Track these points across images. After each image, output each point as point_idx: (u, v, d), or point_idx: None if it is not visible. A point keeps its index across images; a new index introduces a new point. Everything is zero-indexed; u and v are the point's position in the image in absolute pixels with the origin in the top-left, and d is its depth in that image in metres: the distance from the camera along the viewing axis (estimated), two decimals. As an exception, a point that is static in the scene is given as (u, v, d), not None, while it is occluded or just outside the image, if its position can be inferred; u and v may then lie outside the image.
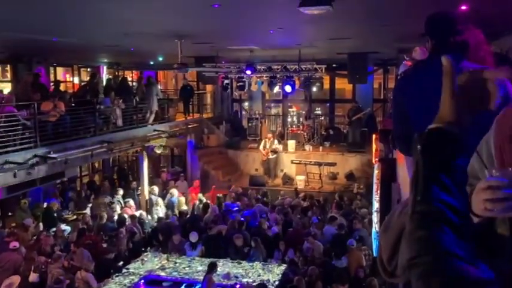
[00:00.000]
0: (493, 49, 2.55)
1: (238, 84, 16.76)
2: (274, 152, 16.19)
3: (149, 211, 13.40)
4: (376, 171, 5.45)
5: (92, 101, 12.21)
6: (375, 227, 6.16)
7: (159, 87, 17.41)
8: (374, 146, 9.52)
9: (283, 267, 9.17)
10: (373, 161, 9.43)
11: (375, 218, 6.14)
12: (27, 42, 11.21)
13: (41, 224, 11.41)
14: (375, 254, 8.13)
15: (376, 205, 5.58)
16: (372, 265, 8.81)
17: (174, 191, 14.26)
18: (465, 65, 2.05)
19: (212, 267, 8.25)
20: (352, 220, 11.26)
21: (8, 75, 15.37)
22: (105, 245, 10.31)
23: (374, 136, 9.79)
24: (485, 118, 1.26)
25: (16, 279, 7.84)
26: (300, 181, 15.59)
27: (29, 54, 14.10)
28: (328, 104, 21.26)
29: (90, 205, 13.46)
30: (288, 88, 15.63)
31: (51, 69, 16.82)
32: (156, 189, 14.18)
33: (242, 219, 11.29)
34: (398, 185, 3.08)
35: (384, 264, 1.51)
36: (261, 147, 16.38)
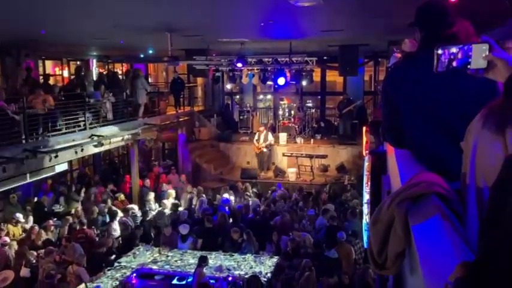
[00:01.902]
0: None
1: (229, 75, 16.71)
2: (268, 146, 16.21)
3: (141, 204, 13.37)
4: (366, 163, 5.47)
5: (81, 95, 12.11)
6: (366, 218, 6.20)
7: (149, 79, 17.32)
8: (364, 138, 9.54)
9: (275, 259, 9.22)
10: (364, 153, 9.47)
11: (365, 209, 6.18)
12: (15, 35, 11.07)
13: (31, 218, 11.34)
14: (365, 246, 8.19)
15: (366, 197, 5.61)
16: (365, 257, 8.88)
17: (164, 185, 14.29)
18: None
19: (202, 261, 8.27)
20: (345, 212, 11.34)
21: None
22: (96, 239, 10.30)
23: (364, 128, 9.81)
24: None
25: (10, 274, 7.82)
26: (291, 173, 15.63)
27: (17, 47, 13.92)
28: (319, 97, 21.30)
29: (81, 199, 13.39)
30: (281, 81, 15.62)
31: (40, 63, 16.63)
32: (148, 182, 14.19)
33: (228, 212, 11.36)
34: (388, 177, 3.09)
35: (374, 257, 1.53)
36: (255, 139, 16.38)
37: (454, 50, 1.33)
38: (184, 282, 8.56)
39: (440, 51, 1.34)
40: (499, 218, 0.90)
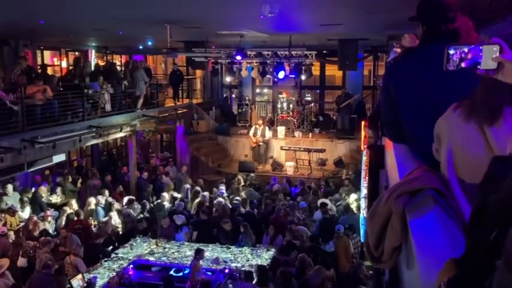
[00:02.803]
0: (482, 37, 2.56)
1: (228, 68, 16.66)
2: (265, 141, 16.21)
3: (138, 196, 13.38)
4: (364, 158, 5.48)
5: (80, 86, 12.08)
6: (363, 213, 6.22)
7: (150, 71, 17.25)
8: (363, 133, 9.54)
9: (272, 251, 9.26)
10: (362, 147, 9.48)
11: (363, 204, 6.20)
12: (13, 25, 11.00)
13: (28, 209, 11.32)
14: (362, 240, 8.23)
15: (364, 191, 5.63)
16: (361, 252, 8.92)
17: (163, 177, 14.31)
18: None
19: (198, 253, 8.31)
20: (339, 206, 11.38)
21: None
22: (93, 230, 10.32)
23: (363, 123, 9.80)
24: None
25: (5, 262, 7.83)
26: (289, 167, 15.64)
27: (15, 37, 13.86)
28: (318, 91, 21.26)
29: (77, 190, 13.41)
30: (280, 74, 15.60)
31: (38, 53, 16.56)
32: (145, 174, 14.21)
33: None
34: (386, 171, 3.10)
35: (371, 250, 1.53)
36: (251, 133, 16.37)
37: (465, 49, 1.34)
38: (181, 274, 8.59)
39: (452, 51, 1.36)
40: (482, 217, 0.92)
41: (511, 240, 0.75)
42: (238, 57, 15.03)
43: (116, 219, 11.18)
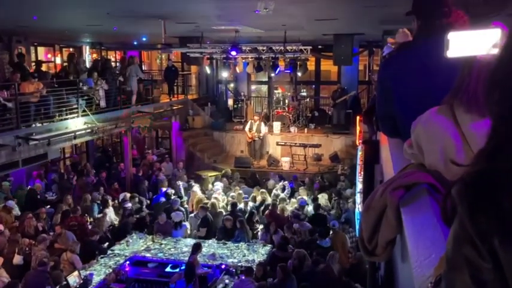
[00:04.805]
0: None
1: (223, 63, 16.61)
2: (260, 136, 16.19)
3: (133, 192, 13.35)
4: (359, 153, 5.49)
5: (74, 82, 12.02)
6: (358, 207, 6.24)
7: (143, 67, 17.21)
8: (358, 128, 9.56)
9: (268, 247, 9.28)
10: (357, 142, 9.50)
11: (358, 198, 6.22)
12: (6, 21, 10.92)
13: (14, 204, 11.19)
14: (357, 234, 8.25)
15: (359, 186, 5.64)
16: (356, 245, 8.96)
17: (161, 174, 14.32)
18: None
19: (196, 248, 8.32)
20: (338, 201, 11.41)
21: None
22: (89, 227, 10.30)
23: (358, 118, 9.83)
24: None
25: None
26: (285, 163, 15.66)
27: (8, 33, 13.76)
28: (313, 86, 21.26)
29: (73, 187, 13.36)
30: (276, 70, 15.65)
31: (32, 49, 16.46)
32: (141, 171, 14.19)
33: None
34: (381, 166, 3.10)
35: (365, 243, 1.53)
36: (247, 128, 16.35)
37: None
38: (177, 270, 8.60)
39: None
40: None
41: None
42: (233, 53, 14.99)
43: (111, 216, 11.15)
